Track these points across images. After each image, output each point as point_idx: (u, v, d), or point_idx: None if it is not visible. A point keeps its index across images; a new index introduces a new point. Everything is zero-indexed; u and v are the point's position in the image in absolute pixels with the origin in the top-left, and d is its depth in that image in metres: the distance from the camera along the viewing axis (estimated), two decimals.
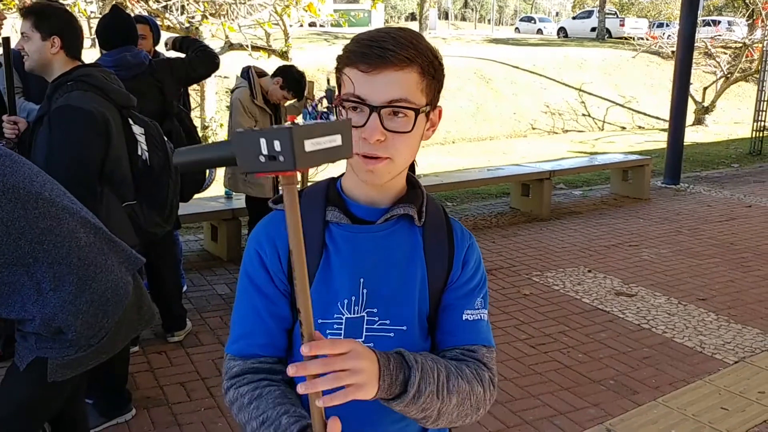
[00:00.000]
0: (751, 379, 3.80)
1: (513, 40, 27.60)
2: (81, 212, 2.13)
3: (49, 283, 1.96)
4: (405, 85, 1.16)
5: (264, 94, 4.85)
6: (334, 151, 0.98)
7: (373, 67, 1.15)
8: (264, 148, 0.92)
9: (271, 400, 1.19)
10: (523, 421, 3.37)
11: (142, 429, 3.24)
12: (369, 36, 1.18)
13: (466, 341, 1.31)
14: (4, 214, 1.87)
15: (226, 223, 5.62)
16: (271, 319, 1.27)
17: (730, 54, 17.66)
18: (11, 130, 3.14)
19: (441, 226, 1.34)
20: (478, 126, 15.18)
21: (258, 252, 1.28)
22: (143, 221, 3.16)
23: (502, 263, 5.78)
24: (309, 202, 1.29)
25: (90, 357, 2.13)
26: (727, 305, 4.90)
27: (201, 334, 4.26)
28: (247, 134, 0.93)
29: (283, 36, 11.09)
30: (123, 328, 2.21)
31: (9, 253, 1.89)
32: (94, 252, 2.09)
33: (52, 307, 1.96)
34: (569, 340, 4.31)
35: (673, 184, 9.10)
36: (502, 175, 7.65)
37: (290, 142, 0.90)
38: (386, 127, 1.16)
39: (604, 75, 19.06)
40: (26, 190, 1.93)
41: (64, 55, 2.93)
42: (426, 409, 1.17)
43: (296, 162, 0.91)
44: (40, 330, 1.99)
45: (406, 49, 1.16)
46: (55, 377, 2.07)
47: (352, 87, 1.17)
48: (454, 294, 1.32)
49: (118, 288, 2.14)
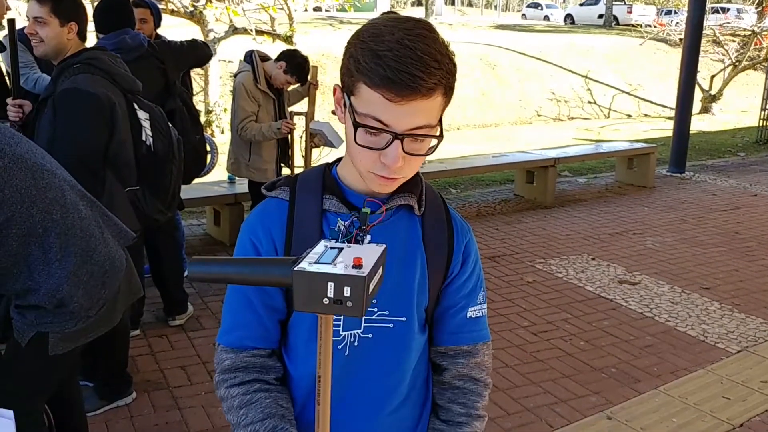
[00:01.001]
0: (753, 368, 3.78)
1: (519, 26, 27.44)
2: (77, 186, 2.16)
3: (55, 253, 1.98)
4: (429, 112, 1.11)
5: (267, 78, 4.81)
6: (378, 284, 0.97)
7: (401, 98, 1.07)
8: (331, 292, 0.88)
9: (261, 410, 1.19)
10: (524, 408, 3.36)
11: (142, 412, 3.24)
12: (393, 54, 1.06)
13: (468, 341, 1.33)
14: (18, 182, 1.87)
15: (229, 207, 5.62)
16: (265, 310, 1.25)
17: (739, 42, 17.54)
18: (15, 113, 3.14)
19: (440, 217, 1.32)
20: (483, 113, 15.11)
21: (252, 241, 1.25)
22: (145, 207, 3.16)
23: (505, 250, 5.76)
24: (304, 190, 1.26)
25: (89, 329, 2.16)
26: (731, 294, 4.88)
27: (202, 318, 4.26)
28: (313, 275, 0.89)
29: (287, 20, 11.03)
30: (119, 300, 2.24)
31: (21, 223, 1.89)
32: (93, 224, 2.13)
33: (58, 278, 1.98)
34: (571, 327, 4.30)
35: (678, 172, 9.06)
36: (507, 162, 7.61)
37: (362, 290, 0.87)
38: (406, 151, 1.12)
39: (611, 62, 18.93)
40: (32, 160, 1.95)
41: (77, 39, 2.96)
42: None
43: (364, 309, 0.88)
44: (42, 302, 2.00)
45: (434, 74, 1.07)
46: (56, 350, 2.10)
47: (372, 109, 1.09)
48: (457, 293, 1.32)
49: (114, 260, 2.18)
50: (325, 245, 0.97)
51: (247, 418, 1.17)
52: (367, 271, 0.88)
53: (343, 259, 0.92)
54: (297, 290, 0.90)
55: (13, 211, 1.87)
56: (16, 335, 2.10)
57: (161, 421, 3.18)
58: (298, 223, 1.23)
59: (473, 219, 6.70)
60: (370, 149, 1.12)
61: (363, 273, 0.87)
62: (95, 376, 3.27)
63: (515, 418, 3.28)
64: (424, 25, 1.11)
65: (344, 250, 0.96)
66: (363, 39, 1.10)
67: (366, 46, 1.09)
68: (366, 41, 1.09)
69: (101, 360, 3.20)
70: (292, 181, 1.29)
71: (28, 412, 2.24)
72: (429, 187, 1.33)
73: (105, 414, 3.20)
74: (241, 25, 10.82)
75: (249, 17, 10.65)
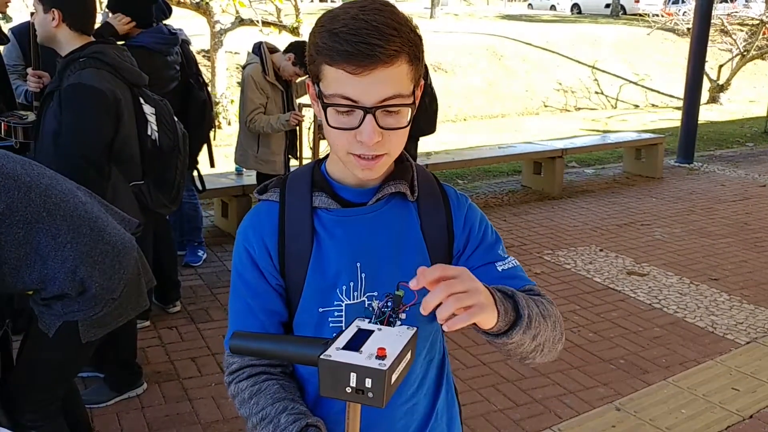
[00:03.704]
0: (762, 359, 3.78)
1: (526, 16, 27.29)
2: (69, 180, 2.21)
3: (65, 236, 2.01)
4: (397, 80, 1.09)
5: (275, 70, 4.81)
6: (406, 368, 0.97)
7: (362, 68, 1.06)
8: (353, 381, 0.91)
9: (270, 395, 1.19)
10: (533, 399, 3.37)
11: (153, 403, 3.26)
12: (348, 29, 1.07)
13: (514, 287, 1.22)
14: (9, 171, 1.93)
15: (237, 199, 5.62)
16: (264, 314, 1.25)
17: (747, 31, 17.38)
18: (36, 83, 3.26)
19: (436, 197, 1.30)
20: (489, 103, 15.05)
21: (246, 249, 1.26)
22: (149, 201, 3.16)
23: (513, 242, 5.76)
24: (294, 189, 1.26)
25: (116, 313, 2.21)
26: (740, 285, 4.86)
27: (212, 310, 4.28)
28: (336, 364, 0.92)
29: (294, 11, 10.99)
30: (141, 281, 2.30)
31: (23, 209, 1.93)
32: (95, 208, 2.17)
33: (72, 259, 2.02)
34: (580, 319, 4.30)
35: (686, 163, 9.01)
36: (514, 153, 7.60)
37: (383, 383, 0.89)
38: (381, 126, 1.10)
39: (618, 52, 18.81)
40: (18, 157, 2.04)
41: (67, 28, 2.86)
42: (537, 335, 1.15)
43: (386, 400, 0.90)
44: (65, 289, 2.03)
45: (393, 41, 1.07)
46: (89, 337, 2.16)
47: (338, 87, 1.09)
48: (476, 257, 1.29)
49: (125, 240, 2.22)
50: (358, 326, 1.01)
51: (258, 405, 1.19)
52: (389, 363, 0.91)
53: (369, 347, 0.94)
54: (322, 377, 0.94)
55: (11, 197, 1.90)
56: (41, 326, 2.13)
57: (172, 412, 3.20)
58: (289, 222, 1.24)
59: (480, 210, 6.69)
60: (345, 130, 1.11)
61: (384, 366, 0.90)
62: (106, 367, 3.29)
63: (524, 409, 3.29)
64: (381, 1, 1.11)
65: (374, 334, 0.98)
66: (320, 24, 1.12)
67: (323, 28, 1.10)
68: (323, 24, 1.11)
69: (109, 350, 3.22)
70: (282, 181, 1.29)
71: (51, 400, 2.29)
72: (421, 169, 1.31)
73: (116, 405, 3.22)
74: (248, 16, 10.78)
75: (255, 8, 10.62)
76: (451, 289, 0.96)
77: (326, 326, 1.23)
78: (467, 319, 0.97)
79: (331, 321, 1.23)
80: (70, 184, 2.16)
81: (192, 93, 4.38)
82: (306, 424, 1.12)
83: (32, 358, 2.24)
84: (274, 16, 11.16)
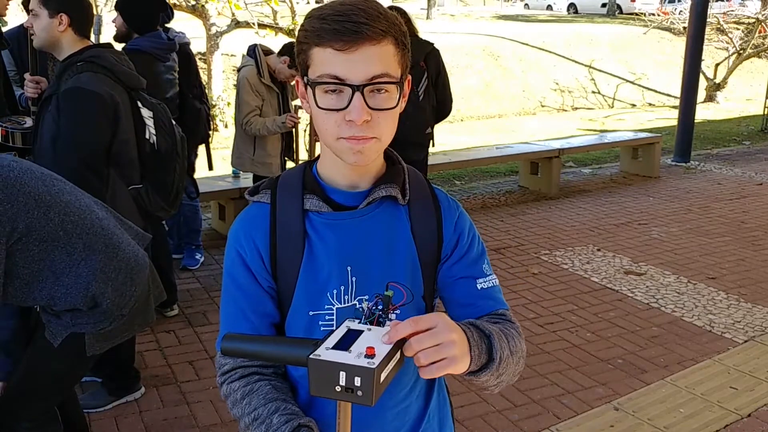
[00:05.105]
0: (760, 358, 3.78)
1: (522, 16, 27.31)
2: (86, 194, 2.21)
3: (80, 253, 2.01)
4: (384, 59, 1.11)
5: (271, 72, 4.81)
6: (396, 367, 0.98)
7: (349, 44, 1.09)
8: (342, 380, 0.92)
9: (262, 396, 1.20)
10: (531, 399, 3.37)
11: (151, 407, 3.26)
12: (335, 11, 1.10)
13: (488, 309, 1.30)
14: (31, 189, 1.93)
15: (234, 202, 5.61)
16: (256, 317, 1.26)
17: (743, 30, 17.42)
18: (33, 89, 3.24)
19: (427, 202, 1.30)
20: (486, 104, 15.07)
21: (238, 251, 1.26)
22: (148, 204, 3.15)
23: (510, 242, 5.76)
24: (285, 191, 1.26)
25: (123, 328, 2.21)
26: (738, 284, 4.87)
27: (209, 313, 4.27)
28: (326, 364, 0.93)
29: (290, 14, 11.00)
30: (150, 297, 2.30)
31: (41, 228, 1.93)
32: (112, 224, 2.18)
33: (86, 276, 2.02)
34: (578, 319, 4.30)
35: (683, 161, 9.02)
36: (511, 153, 7.60)
37: (372, 381, 0.91)
38: (370, 105, 1.11)
39: (615, 52, 18.83)
40: (40, 171, 2.03)
41: (72, 33, 2.88)
42: (502, 374, 1.17)
43: (375, 398, 0.92)
44: (77, 304, 2.03)
45: (380, 21, 1.10)
46: (94, 351, 2.16)
47: (326, 67, 1.11)
48: (459, 267, 1.30)
49: (138, 257, 2.22)
50: (348, 326, 1.01)
51: (250, 405, 1.19)
52: (378, 361, 0.92)
53: (359, 346, 0.96)
54: (312, 376, 0.95)
55: (31, 217, 1.90)
56: (47, 335, 2.13)
57: (170, 416, 3.19)
58: (280, 225, 1.24)
59: (478, 211, 6.70)
60: (334, 111, 1.12)
61: (373, 365, 0.91)
62: (103, 372, 3.28)
63: (522, 410, 3.28)
64: None
65: (364, 334, 1.00)
66: (308, 17, 1.15)
67: (311, 17, 1.14)
68: (311, 17, 1.15)
69: (108, 356, 3.21)
70: (274, 182, 1.29)
71: (48, 409, 2.28)
72: (413, 172, 1.32)
73: (114, 410, 3.22)
74: (244, 18, 10.79)
75: (251, 11, 10.63)
76: (422, 345, 0.99)
77: (317, 329, 1.23)
78: (436, 372, 1.00)
79: (321, 324, 1.23)
80: (88, 198, 2.16)
81: (187, 103, 4.38)
82: (298, 425, 1.12)
83: (34, 367, 2.23)
84: (270, 18, 11.17)
